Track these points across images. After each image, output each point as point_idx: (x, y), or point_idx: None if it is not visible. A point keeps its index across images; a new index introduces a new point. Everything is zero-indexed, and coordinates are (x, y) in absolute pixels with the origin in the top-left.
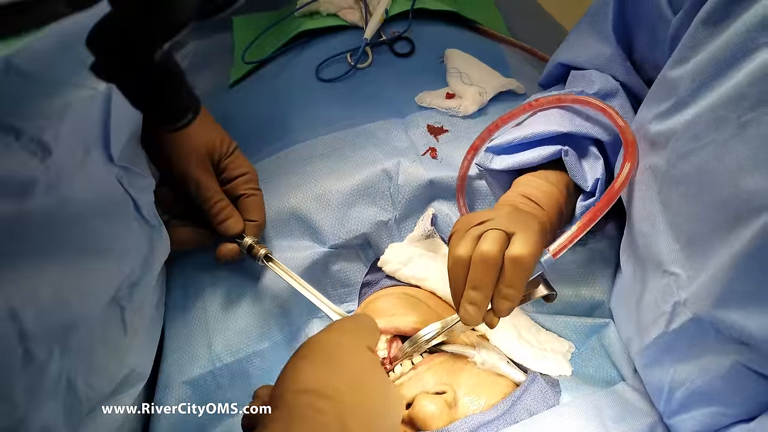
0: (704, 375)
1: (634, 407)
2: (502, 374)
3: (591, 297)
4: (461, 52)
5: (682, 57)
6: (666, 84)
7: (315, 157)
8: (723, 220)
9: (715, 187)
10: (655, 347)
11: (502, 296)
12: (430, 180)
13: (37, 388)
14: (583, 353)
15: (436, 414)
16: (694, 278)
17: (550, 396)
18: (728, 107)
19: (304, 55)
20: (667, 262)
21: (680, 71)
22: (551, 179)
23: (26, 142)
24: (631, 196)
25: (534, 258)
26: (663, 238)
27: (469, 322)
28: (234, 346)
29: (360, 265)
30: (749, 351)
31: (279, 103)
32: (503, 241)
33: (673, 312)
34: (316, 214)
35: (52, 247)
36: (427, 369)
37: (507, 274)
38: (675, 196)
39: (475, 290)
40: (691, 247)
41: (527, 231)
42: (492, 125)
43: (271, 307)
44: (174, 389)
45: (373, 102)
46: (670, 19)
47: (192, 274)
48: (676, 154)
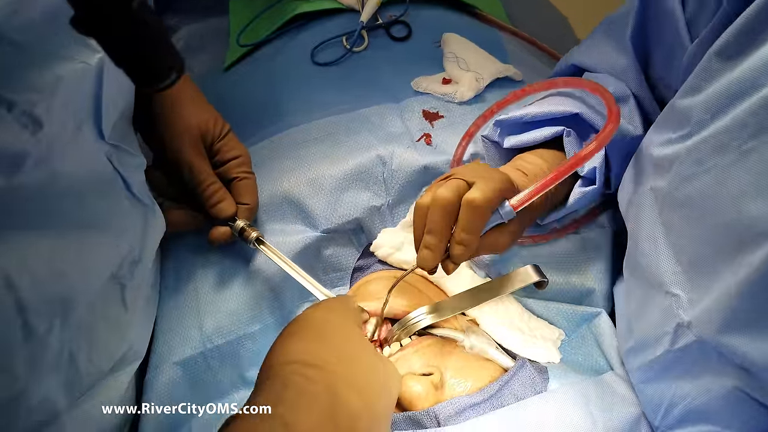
0: (704, 395)
1: (621, 397)
2: (490, 359)
3: (582, 285)
4: (458, 37)
5: (695, 87)
6: (677, 112)
7: (309, 142)
8: (726, 244)
9: (718, 211)
10: (657, 364)
11: (457, 241)
12: (424, 166)
13: (38, 360)
14: (574, 341)
15: (422, 394)
16: (697, 301)
17: (537, 382)
18: (731, 134)
19: (300, 39)
20: (668, 283)
21: (692, 101)
22: (546, 157)
23: (18, 115)
24: (634, 217)
25: (488, 202)
26: (664, 259)
27: (424, 266)
28: (225, 328)
29: (352, 250)
30: (749, 378)
31: (274, 86)
32: (461, 189)
33: (676, 333)
34: (309, 198)
35: (45, 220)
36: (414, 351)
37: (461, 218)
38: (677, 218)
39: (430, 234)
40: (693, 270)
41: (487, 180)
42: (488, 111)
43: (262, 290)
44: (165, 370)
45: (369, 86)
46: (686, 44)
47: (184, 256)
48: (679, 177)
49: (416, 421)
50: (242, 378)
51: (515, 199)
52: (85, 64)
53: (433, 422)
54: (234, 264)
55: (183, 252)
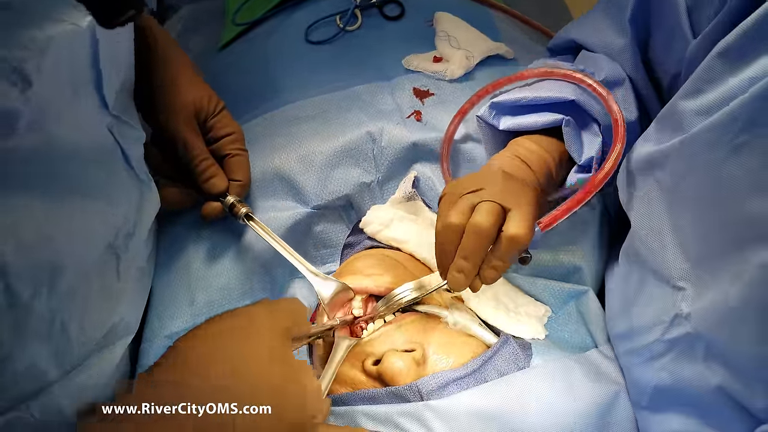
0: (687, 389)
1: (603, 373)
2: (473, 335)
3: (570, 262)
4: (450, 16)
5: (696, 89)
6: (677, 115)
7: (300, 119)
8: (730, 240)
9: (717, 207)
10: (647, 351)
11: (491, 266)
12: (414, 142)
13: (22, 326)
14: (560, 318)
15: (403, 370)
16: (700, 295)
17: (521, 358)
18: (722, 129)
19: (294, 17)
20: (676, 276)
21: (693, 104)
22: (544, 144)
23: (6, 71)
24: (638, 209)
25: (530, 238)
26: (672, 254)
27: (456, 288)
28: (216, 302)
29: (342, 227)
30: (732, 378)
31: (268, 65)
32: (498, 215)
33: (672, 323)
34: (300, 174)
35: (40, 184)
36: (397, 327)
37: (501, 249)
38: (685, 213)
39: (466, 260)
40: (701, 264)
41: (523, 207)
42: (482, 90)
43: (253, 266)
44: (156, 343)
45: (361, 65)
46: (686, 32)
47: (176, 231)
48: (674, 174)
49: (399, 395)
50: None
51: (544, 221)
52: (75, 25)
53: (416, 396)
54: (225, 240)
55: (175, 228)
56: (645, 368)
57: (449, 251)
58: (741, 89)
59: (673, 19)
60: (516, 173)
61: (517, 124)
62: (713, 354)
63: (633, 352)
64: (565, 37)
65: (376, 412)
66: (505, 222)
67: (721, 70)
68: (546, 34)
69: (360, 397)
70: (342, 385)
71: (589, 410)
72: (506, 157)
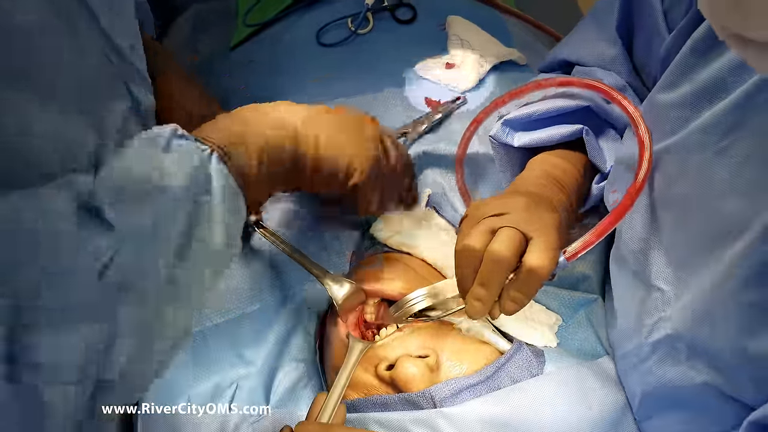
0: (674, 390)
1: (615, 381)
2: (486, 342)
3: (579, 271)
4: (463, 19)
5: (672, 82)
6: (656, 109)
7: None
8: (707, 241)
9: (701, 209)
10: (634, 355)
11: (511, 298)
12: (424, 151)
13: None
14: (570, 326)
15: (417, 376)
16: (679, 296)
17: (534, 365)
18: (707, 133)
19: (306, 19)
20: (655, 277)
21: (669, 97)
22: (572, 160)
23: None
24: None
25: (551, 269)
26: (655, 255)
27: (474, 317)
28: (224, 306)
29: (353, 232)
30: (718, 374)
31: (279, 66)
32: (519, 243)
33: (654, 326)
34: None
35: None
36: (411, 332)
37: (521, 280)
38: (668, 217)
39: (483, 288)
40: (681, 267)
41: (546, 236)
42: (498, 100)
43: (263, 270)
44: None
45: (372, 69)
46: (664, 35)
47: None
48: (666, 177)
49: (412, 402)
50: (240, 356)
51: (570, 250)
52: None
53: (429, 403)
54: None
55: None
56: (634, 373)
57: (467, 275)
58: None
59: (651, 22)
60: (545, 194)
61: (533, 140)
62: (696, 353)
63: (624, 357)
64: (554, 57)
65: (389, 419)
66: (526, 250)
67: (693, 64)
68: (559, 39)
69: (372, 403)
70: (354, 390)
71: (602, 417)
72: (535, 176)
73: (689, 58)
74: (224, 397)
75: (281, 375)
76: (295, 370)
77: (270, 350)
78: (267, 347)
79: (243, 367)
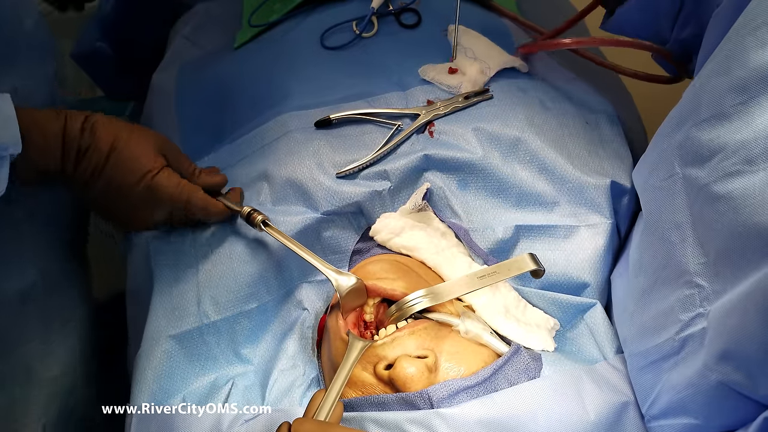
0: (688, 388)
1: (612, 385)
2: (485, 344)
3: (578, 277)
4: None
5: (725, 66)
6: (705, 92)
7: (314, 126)
8: (755, 244)
9: (756, 212)
10: (656, 351)
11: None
12: (425, 154)
13: None
14: (568, 331)
15: (415, 376)
16: (720, 293)
17: (531, 368)
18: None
19: (310, 21)
20: (693, 273)
21: (721, 81)
22: None
23: None
24: (657, 201)
25: None
26: (691, 248)
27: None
28: (222, 304)
29: (352, 233)
30: (734, 371)
31: (282, 68)
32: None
33: (690, 322)
34: (311, 181)
35: None
36: (410, 333)
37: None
38: (710, 211)
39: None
40: (720, 262)
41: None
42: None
43: (260, 269)
44: (160, 342)
45: (376, 72)
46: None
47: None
48: (722, 172)
49: (409, 402)
50: (237, 354)
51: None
52: None
53: (426, 404)
54: (234, 242)
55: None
56: (652, 370)
57: None
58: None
59: None
60: None
61: None
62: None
63: (641, 354)
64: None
65: (385, 418)
66: None
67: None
68: None
69: (369, 402)
70: (351, 388)
71: (598, 421)
72: None
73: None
74: (220, 395)
75: (277, 373)
76: (291, 369)
77: (267, 348)
78: (264, 345)
79: (240, 365)
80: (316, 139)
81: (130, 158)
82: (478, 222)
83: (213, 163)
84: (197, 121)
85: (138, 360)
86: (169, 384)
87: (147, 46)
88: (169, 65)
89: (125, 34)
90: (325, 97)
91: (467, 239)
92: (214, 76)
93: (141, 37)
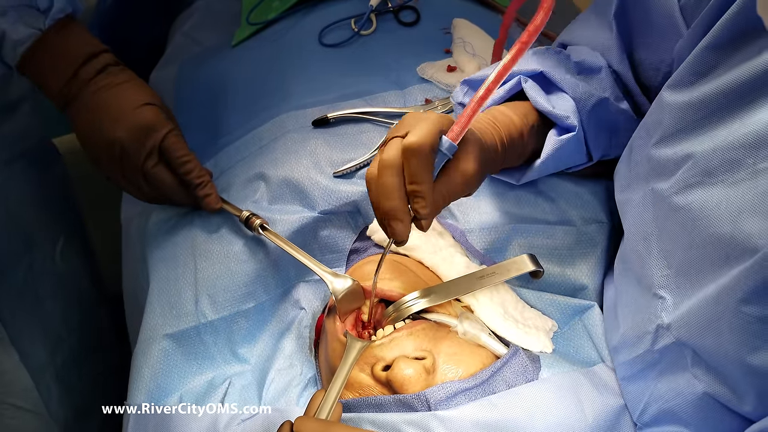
0: (676, 398)
1: (610, 388)
2: (483, 345)
3: (576, 279)
4: (468, 22)
5: (687, 80)
6: (668, 107)
7: (311, 125)
8: (715, 254)
9: (714, 222)
10: (639, 362)
11: (413, 197)
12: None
13: None
14: (566, 333)
15: (413, 378)
16: (679, 305)
17: (530, 370)
18: (745, 150)
19: (309, 19)
20: (657, 285)
21: (685, 96)
22: (510, 107)
23: None
24: (629, 214)
25: (423, 142)
26: (655, 261)
27: (398, 237)
28: (219, 304)
29: (349, 232)
30: (719, 384)
31: (281, 66)
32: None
33: (656, 334)
34: (308, 180)
35: None
36: (408, 334)
37: (406, 169)
38: (671, 222)
39: (389, 200)
40: (681, 274)
41: (420, 124)
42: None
43: (258, 269)
44: (157, 341)
45: (374, 70)
46: (680, 28)
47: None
48: (683, 184)
49: (407, 404)
50: (234, 353)
51: (453, 130)
52: None
53: (424, 406)
54: (231, 242)
55: (179, 227)
56: (639, 380)
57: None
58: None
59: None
60: (480, 127)
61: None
62: (698, 362)
63: (628, 362)
64: (557, 43)
65: (383, 420)
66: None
67: (712, 62)
68: None
69: (367, 403)
70: (349, 389)
71: (597, 424)
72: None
73: (708, 56)
74: (217, 394)
75: (274, 373)
76: (288, 368)
77: (264, 348)
78: (261, 345)
79: (237, 364)
80: (313, 139)
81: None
82: (475, 223)
83: (212, 168)
84: (196, 118)
85: (135, 358)
86: (166, 382)
87: (142, 46)
88: (169, 62)
89: (121, 34)
90: (323, 95)
91: (463, 240)
92: (213, 74)
93: (136, 37)
